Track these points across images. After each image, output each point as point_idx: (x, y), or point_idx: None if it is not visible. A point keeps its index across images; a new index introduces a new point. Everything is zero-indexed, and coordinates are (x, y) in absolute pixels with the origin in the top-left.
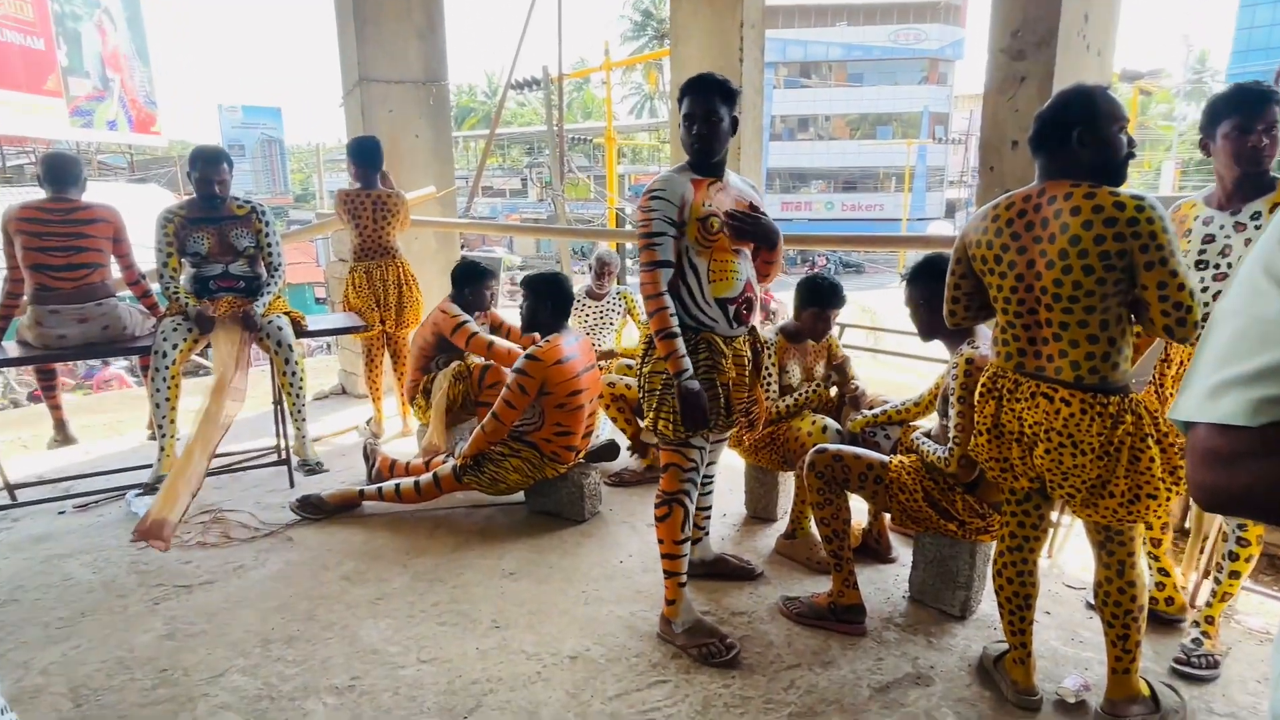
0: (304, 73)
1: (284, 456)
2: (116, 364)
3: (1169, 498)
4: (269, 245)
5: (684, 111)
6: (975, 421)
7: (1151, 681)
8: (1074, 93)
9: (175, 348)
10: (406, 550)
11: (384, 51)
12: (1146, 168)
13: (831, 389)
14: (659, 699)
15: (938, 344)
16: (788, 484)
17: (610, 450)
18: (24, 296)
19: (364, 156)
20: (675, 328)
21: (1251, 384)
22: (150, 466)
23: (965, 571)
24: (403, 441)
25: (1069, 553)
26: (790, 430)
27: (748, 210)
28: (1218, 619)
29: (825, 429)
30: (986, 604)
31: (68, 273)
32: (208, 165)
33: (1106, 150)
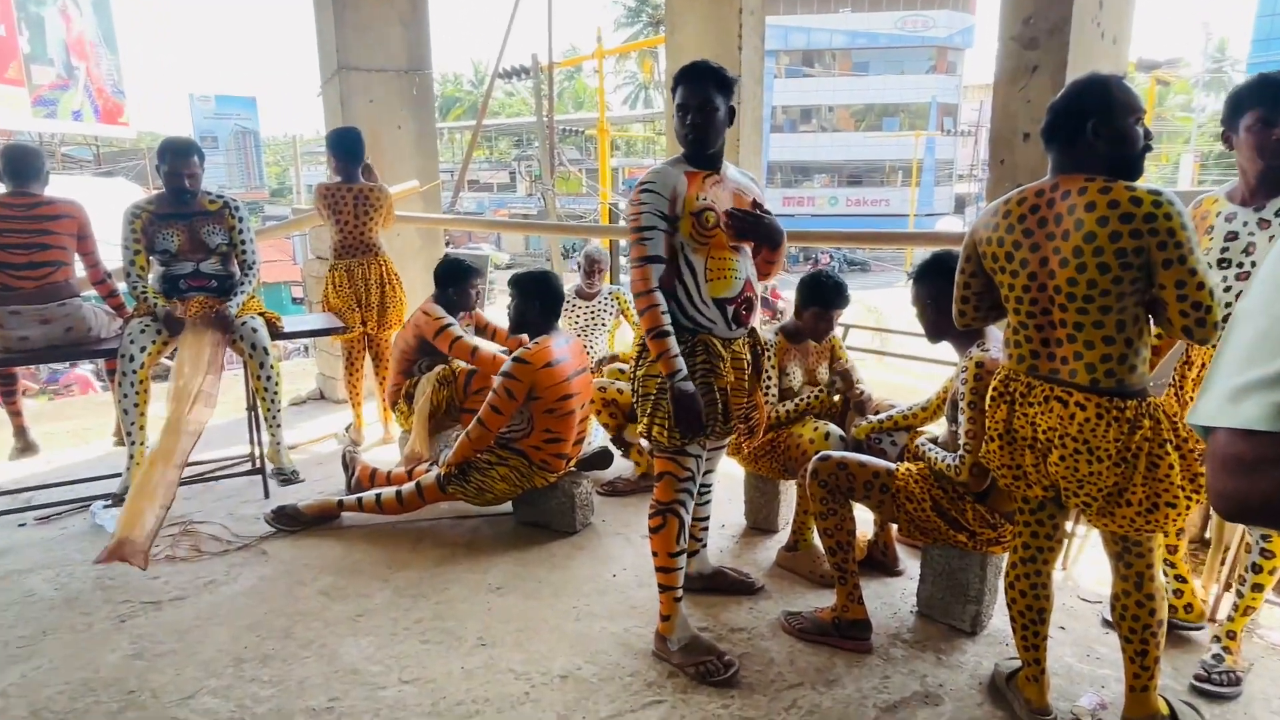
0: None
1: (258, 465)
2: (81, 367)
3: (1189, 506)
4: (243, 242)
5: (677, 101)
6: (986, 427)
7: (1171, 700)
8: (1088, 82)
9: (143, 350)
10: (388, 564)
11: (364, 38)
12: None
13: (835, 394)
14: None
15: (946, 346)
16: (789, 493)
17: (603, 458)
18: None
19: (345, 148)
20: (667, 326)
21: (1275, 387)
22: (118, 476)
23: (976, 585)
24: (384, 449)
25: (1084, 564)
26: (792, 437)
27: (750, 207)
28: (1239, 634)
29: (828, 435)
30: (998, 619)
31: (29, 271)
32: (177, 158)
33: (1122, 143)
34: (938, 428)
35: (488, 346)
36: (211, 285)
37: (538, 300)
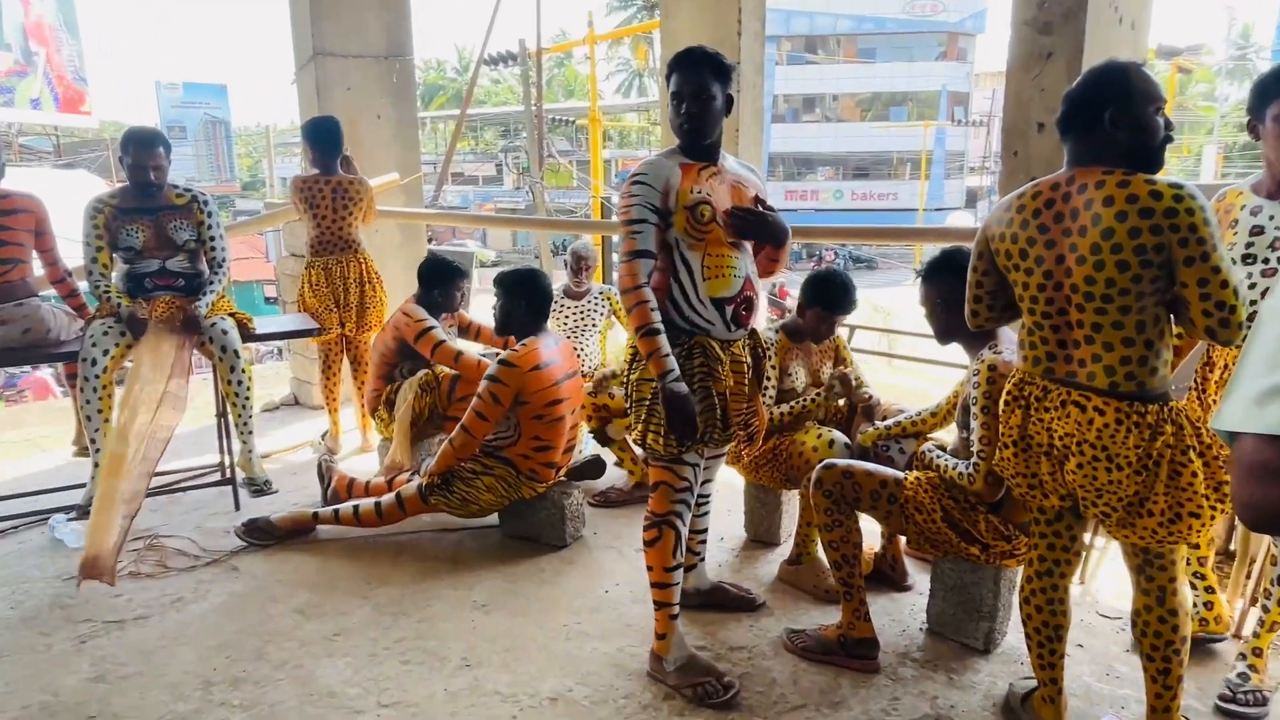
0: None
1: (228, 475)
2: (40, 371)
3: (1213, 516)
4: (212, 239)
5: (672, 89)
6: (1000, 433)
7: None
8: (1106, 70)
9: (106, 354)
10: (366, 580)
11: (341, 22)
12: (1186, 153)
13: (832, 399)
14: None
15: (956, 348)
16: (792, 504)
17: (594, 467)
18: None
19: (323, 139)
20: (657, 323)
21: None
22: (80, 487)
23: (989, 600)
24: (362, 458)
25: (1104, 578)
26: (794, 444)
27: (751, 202)
28: (1266, 650)
29: (832, 443)
30: (1013, 636)
31: None
32: (142, 149)
33: (1142, 133)
34: (948, 434)
35: (472, 350)
36: (179, 284)
37: (523, 300)
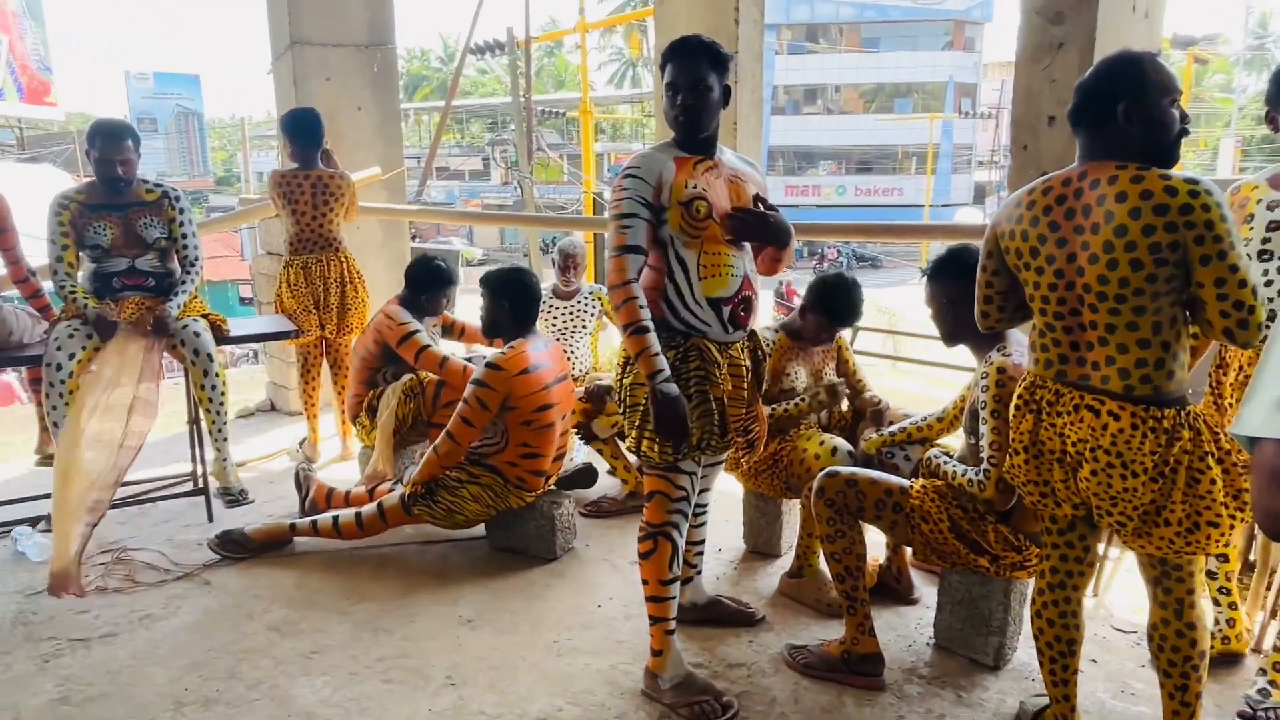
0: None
1: (201, 485)
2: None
3: (1232, 525)
4: (184, 236)
5: (667, 80)
6: (1011, 439)
7: None
8: (1119, 61)
9: (72, 357)
10: (346, 595)
11: (320, 9)
12: (1203, 146)
13: (822, 408)
14: None
15: (963, 350)
16: (793, 514)
17: (586, 476)
18: None
19: (302, 131)
20: (646, 320)
21: None
22: (47, 497)
23: (999, 614)
24: (342, 467)
25: (1118, 590)
26: (795, 451)
27: (750, 200)
28: None
29: (835, 450)
30: (1023, 651)
31: None
32: (109, 141)
33: (1156, 127)
34: (955, 440)
35: (458, 359)
36: (149, 284)
37: (507, 300)
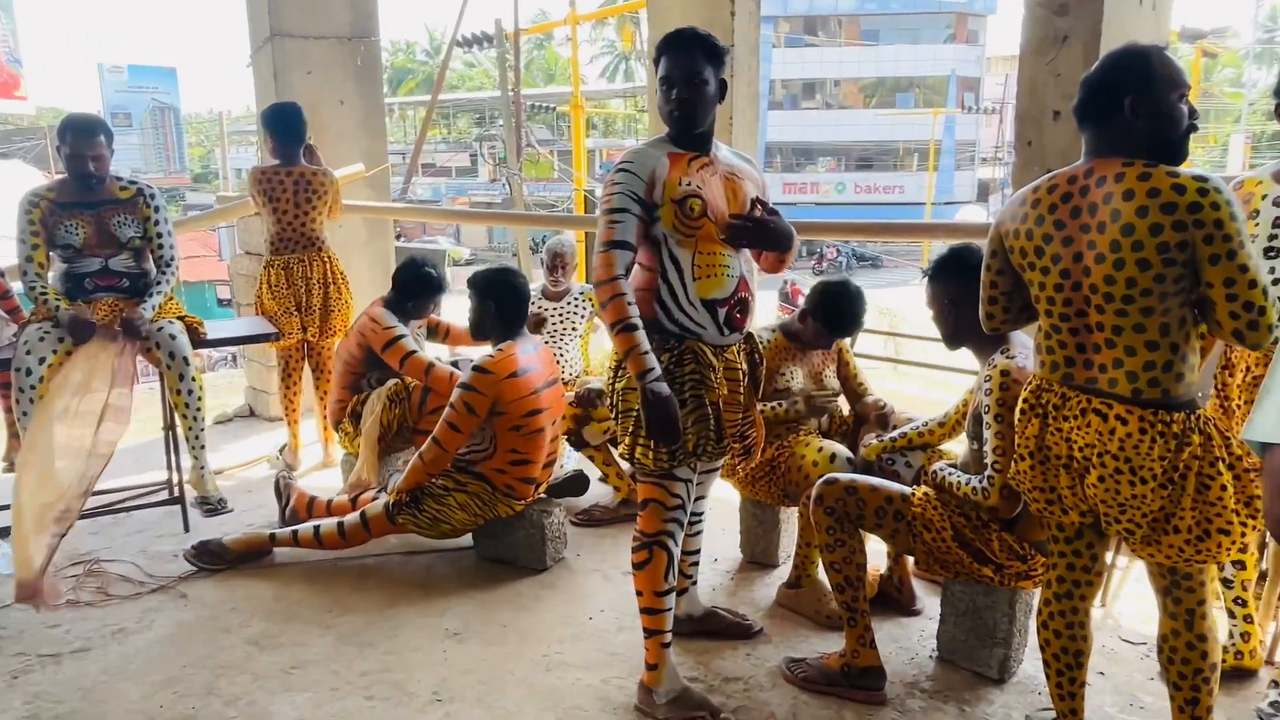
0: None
1: (177, 494)
2: None
3: (1244, 533)
4: (159, 235)
5: (661, 73)
6: (1016, 444)
7: None
8: (1125, 54)
9: (42, 361)
10: (328, 608)
11: (301, 1)
12: (1212, 142)
13: (802, 417)
14: None
15: (966, 353)
16: (791, 522)
17: (577, 483)
18: None
19: (284, 127)
20: (635, 318)
21: None
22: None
23: (1004, 625)
24: (324, 474)
25: (1127, 600)
26: (793, 458)
27: (747, 198)
28: None
29: (834, 456)
30: (1029, 663)
31: None
32: (80, 136)
33: (1164, 122)
34: (957, 445)
35: (445, 365)
36: (122, 285)
37: (493, 301)
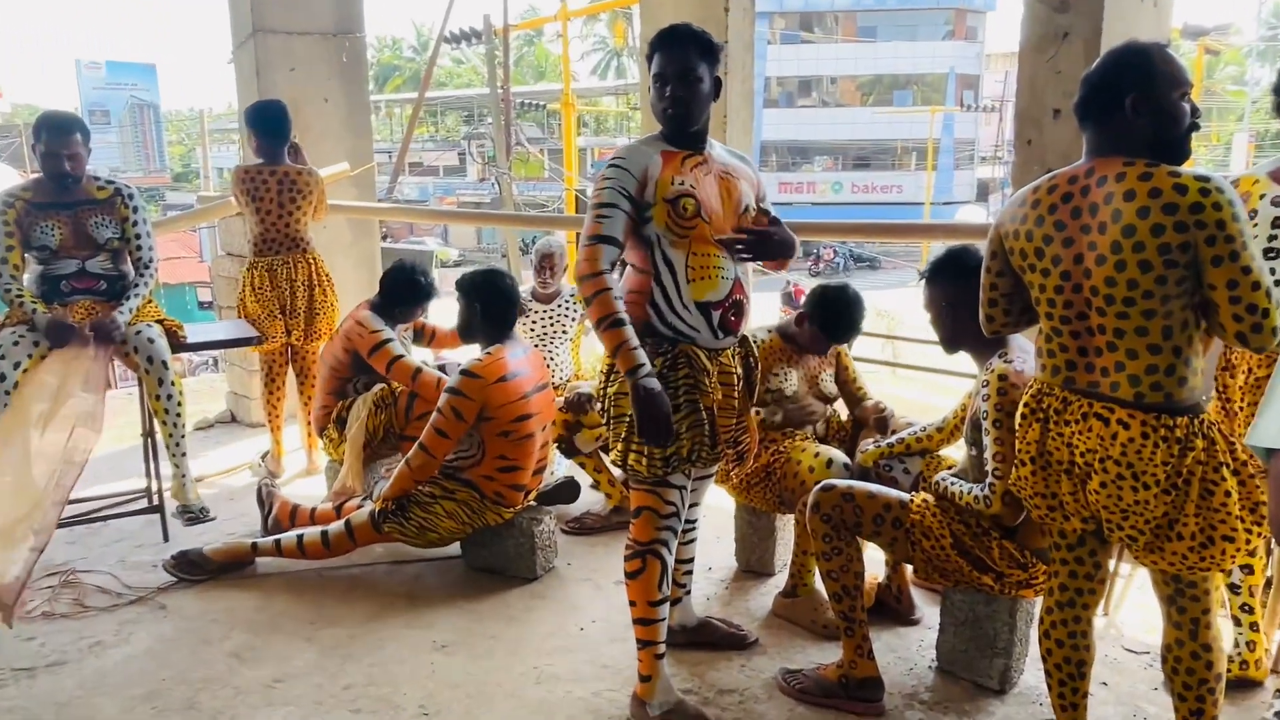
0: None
1: (156, 502)
2: None
3: (1248, 540)
4: (137, 237)
5: (654, 70)
6: (1016, 450)
7: None
8: (1126, 52)
9: (17, 367)
10: (312, 619)
11: None
12: (1215, 141)
13: (778, 425)
14: None
15: (966, 356)
16: (786, 530)
17: (568, 490)
18: None
19: (268, 124)
20: (621, 313)
21: None
22: None
23: (1004, 635)
24: (308, 482)
25: (1130, 609)
26: (789, 463)
27: (740, 196)
28: None
29: (830, 462)
30: (1030, 674)
31: None
32: (55, 134)
33: (1166, 121)
34: (955, 450)
35: (432, 369)
36: (100, 287)
37: (479, 303)
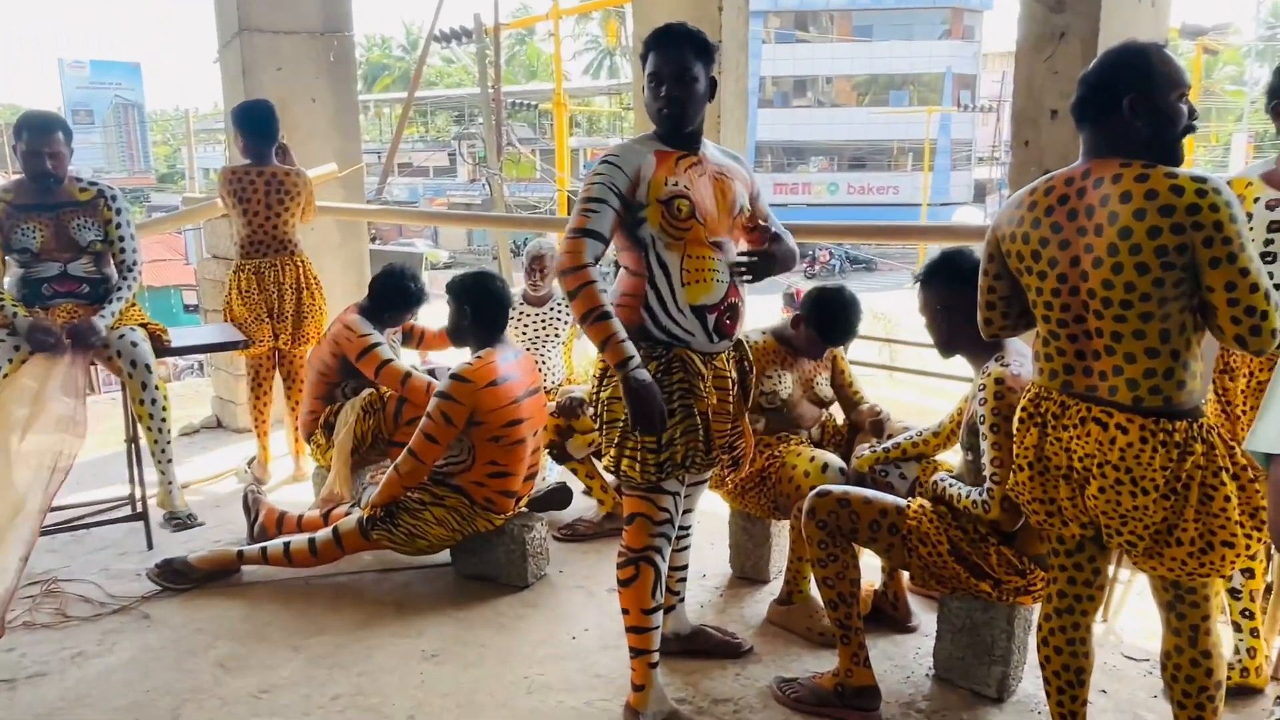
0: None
1: (140, 509)
2: None
3: (1248, 545)
4: (121, 239)
5: (650, 70)
6: (1014, 454)
7: None
8: (1124, 52)
9: None
10: (299, 628)
11: None
12: (1214, 141)
13: (837, 416)
14: None
15: (961, 360)
16: (782, 536)
17: (560, 496)
18: None
19: (255, 125)
20: (608, 306)
21: None
22: None
23: (1002, 642)
24: (295, 489)
25: (1129, 616)
26: (784, 468)
27: (735, 197)
28: None
29: (825, 467)
30: (1029, 681)
31: None
32: (36, 135)
33: (1163, 123)
34: (952, 455)
35: (422, 373)
36: (82, 290)
37: (470, 306)
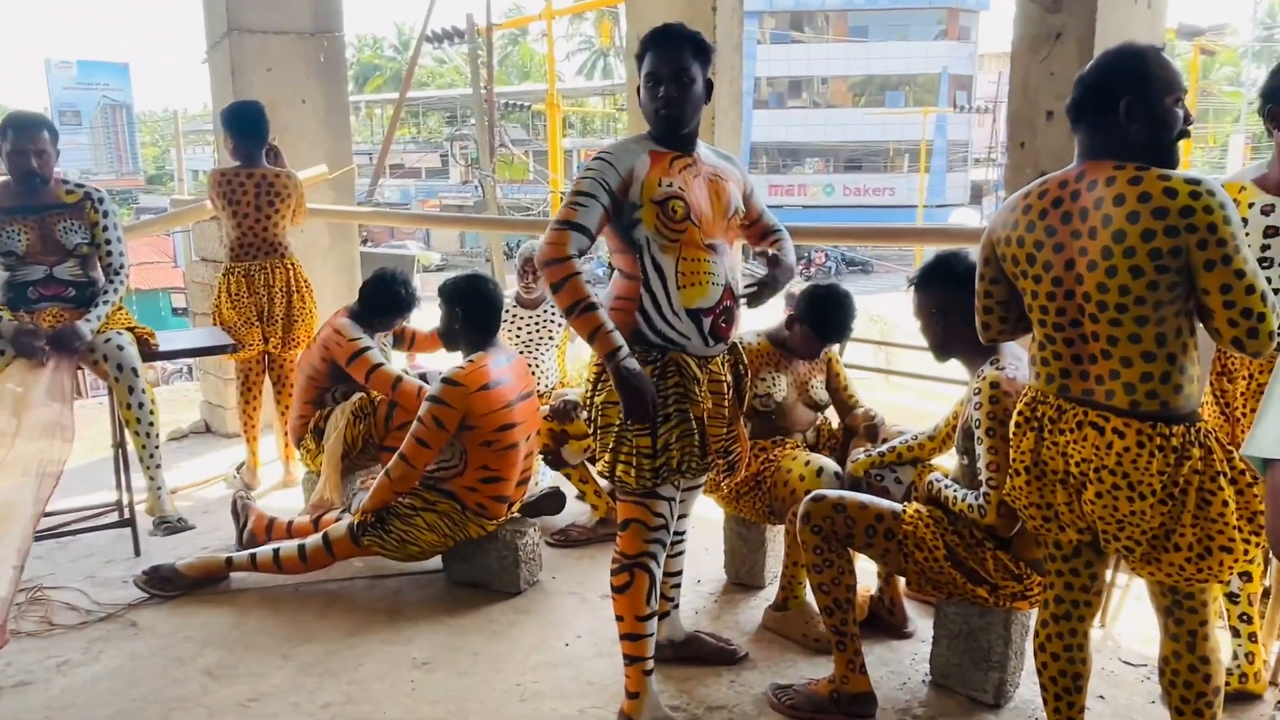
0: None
1: (127, 516)
2: None
3: (1246, 551)
4: (108, 241)
5: (646, 70)
6: (1011, 459)
7: None
8: (1121, 54)
9: None
10: (288, 636)
11: None
12: (1211, 143)
13: (832, 419)
14: None
15: (957, 364)
16: (777, 542)
17: (553, 501)
18: None
19: (245, 126)
20: (594, 297)
21: None
22: None
23: (999, 648)
24: (284, 494)
25: (1127, 621)
26: (779, 473)
27: (728, 193)
28: None
29: (821, 471)
30: (1026, 687)
31: None
32: (21, 135)
33: (1159, 126)
34: (948, 459)
35: (413, 377)
36: (68, 294)
37: (462, 309)
